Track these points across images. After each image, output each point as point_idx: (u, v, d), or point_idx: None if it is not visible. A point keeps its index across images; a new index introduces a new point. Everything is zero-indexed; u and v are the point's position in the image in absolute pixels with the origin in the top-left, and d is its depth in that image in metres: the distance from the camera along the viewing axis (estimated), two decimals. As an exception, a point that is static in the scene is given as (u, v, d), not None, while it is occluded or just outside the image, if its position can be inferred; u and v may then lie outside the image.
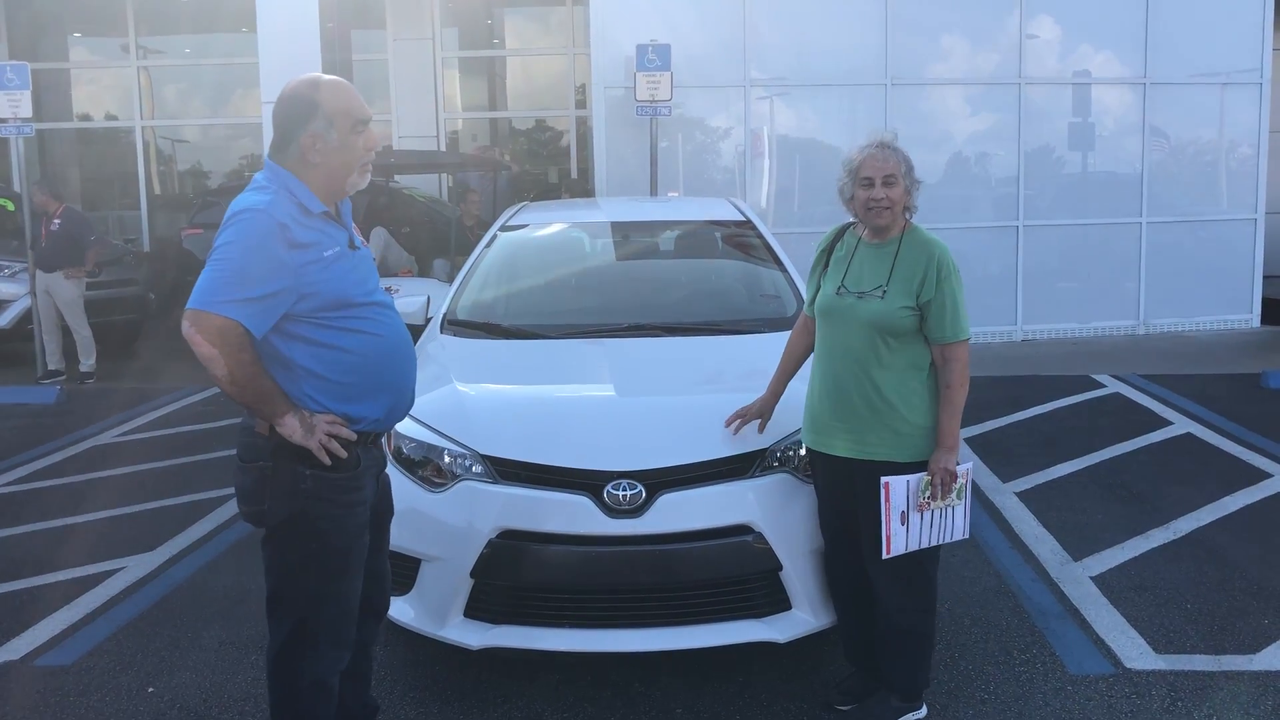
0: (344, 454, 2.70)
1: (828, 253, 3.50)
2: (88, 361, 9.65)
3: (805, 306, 3.62)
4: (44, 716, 3.65)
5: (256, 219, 2.58)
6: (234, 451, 2.85)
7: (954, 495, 3.26)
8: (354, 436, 2.74)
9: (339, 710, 2.94)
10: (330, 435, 2.68)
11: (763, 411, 3.62)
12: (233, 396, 2.63)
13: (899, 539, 3.21)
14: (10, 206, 11.56)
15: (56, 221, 9.49)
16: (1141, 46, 11.15)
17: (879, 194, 3.26)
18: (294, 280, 2.60)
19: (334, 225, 2.77)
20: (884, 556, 3.22)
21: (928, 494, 3.22)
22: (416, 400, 3.03)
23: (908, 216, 3.36)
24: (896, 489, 3.19)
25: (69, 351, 9.71)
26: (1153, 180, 11.34)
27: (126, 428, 7.82)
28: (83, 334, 9.60)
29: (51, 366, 9.61)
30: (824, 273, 3.47)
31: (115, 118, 16.07)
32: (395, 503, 3.11)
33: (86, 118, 16.39)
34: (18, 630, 4.32)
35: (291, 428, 2.65)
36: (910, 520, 3.21)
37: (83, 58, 16.53)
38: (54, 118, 15.57)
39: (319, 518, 2.72)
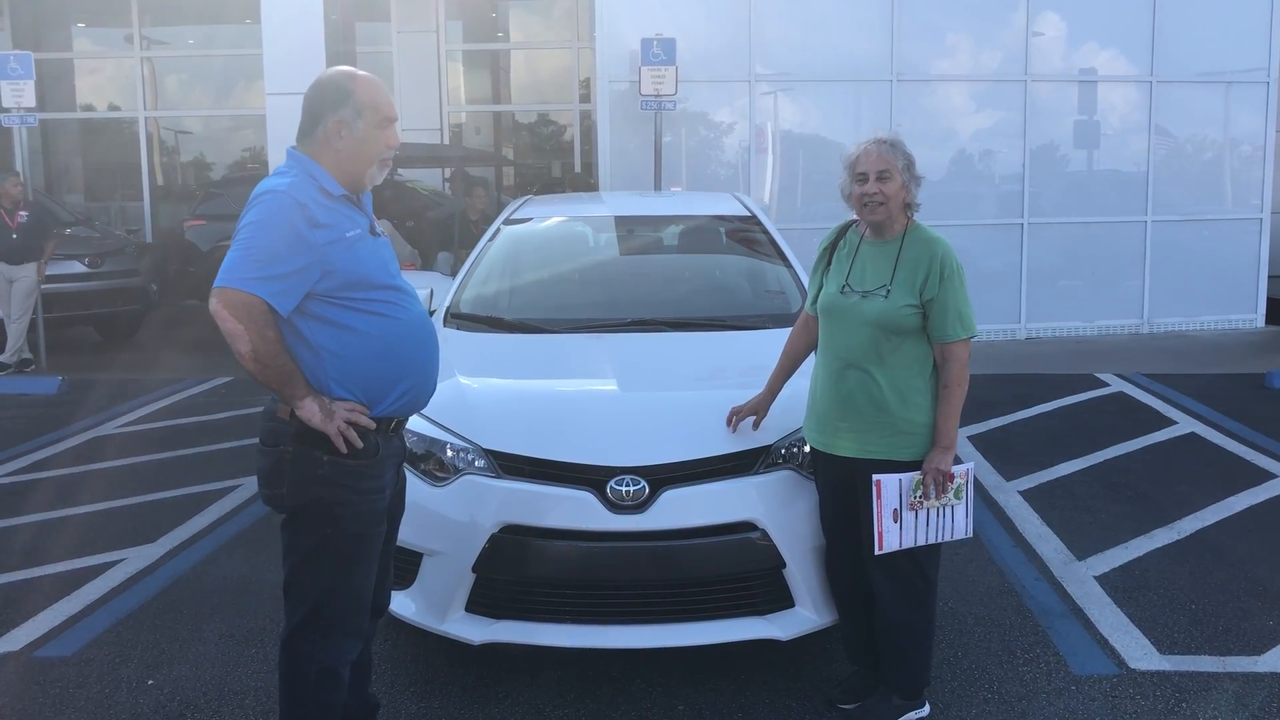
0: (360, 443, 2.72)
1: (830, 251, 3.48)
2: (12, 352, 9.46)
3: (807, 305, 3.60)
4: (43, 708, 3.63)
5: (278, 200, 2.66)
6: (235, 443, 2.85)
7: (950, 495, 3.23)
8: (373, 425, 2.77)
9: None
10: (349, 423, 2.70)
11: (757, 409, 3.60)
12: (255, 375, 2.66)
13: (891, 536, 3.20)
14: None
15: (24, 214, 9.35)
16: (1148, 45, 11.12)
17: (872, 189, 3.24)
18: (316, 257, 2.66)
19: (355, 210, 2.83)
20: (876, 553, 3.21)
21: (919, 493, 3.20)
22: None
23: (909, 214, 3.34)
24: (888, 486, 3.17)
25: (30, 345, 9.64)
26: (1158, 179, 11.32)
27: (127, 419, 7.81)
28: (23, 326, 9.43)
29: (12, 361, 9.47)
30: (826, 271, 3.45)
31: (119, 108, 16.06)
32: (397, 497, 3.10)
33: (90, 108, 16.36)
34: (17, 621, 4.31)
35: (310, 411, 2.67)
36: (903, 518, 3.20)
37: (86, 48, 16.50)
38: (57, 108, 15.56)
39: (334, 503, 2.74)
